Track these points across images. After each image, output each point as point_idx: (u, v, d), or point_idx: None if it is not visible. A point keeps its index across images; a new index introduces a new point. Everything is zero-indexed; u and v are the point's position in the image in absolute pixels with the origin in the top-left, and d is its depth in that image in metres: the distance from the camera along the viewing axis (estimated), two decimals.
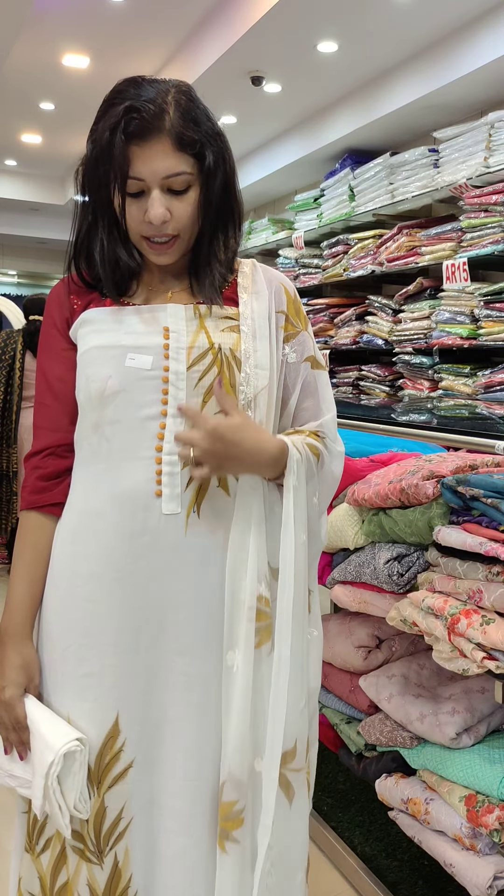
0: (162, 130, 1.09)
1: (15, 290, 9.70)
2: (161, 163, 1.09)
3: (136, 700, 1.16)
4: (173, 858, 1.16)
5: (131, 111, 1.08)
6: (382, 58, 3.84)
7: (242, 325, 1.20)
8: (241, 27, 3.63)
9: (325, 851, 2.00)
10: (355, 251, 4.18)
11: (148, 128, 1.08)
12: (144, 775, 1.16)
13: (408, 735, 1.82)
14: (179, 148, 1.10)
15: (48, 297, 1.27)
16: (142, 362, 1.15)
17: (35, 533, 1.21)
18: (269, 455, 1.14)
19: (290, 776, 1.18)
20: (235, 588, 1.16)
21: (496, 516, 1.49)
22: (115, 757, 1.15)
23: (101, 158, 1.11)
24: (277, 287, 1.26)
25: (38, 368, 1.26)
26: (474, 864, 1.58)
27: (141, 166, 1.09)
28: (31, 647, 1.20)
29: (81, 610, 1.17)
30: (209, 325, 1.18)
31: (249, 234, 5.57)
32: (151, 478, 1.15)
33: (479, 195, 3.25)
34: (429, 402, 3.50)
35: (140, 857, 1.17)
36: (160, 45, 4.31)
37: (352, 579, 1.91)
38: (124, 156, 1.09)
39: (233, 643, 1.15)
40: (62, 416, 1.22)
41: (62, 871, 1.18)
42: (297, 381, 1.25)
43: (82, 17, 3.93)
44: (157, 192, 1.11)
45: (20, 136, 6.00)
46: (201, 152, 1.13)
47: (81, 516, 1.18)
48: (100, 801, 1.15)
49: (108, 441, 1.16)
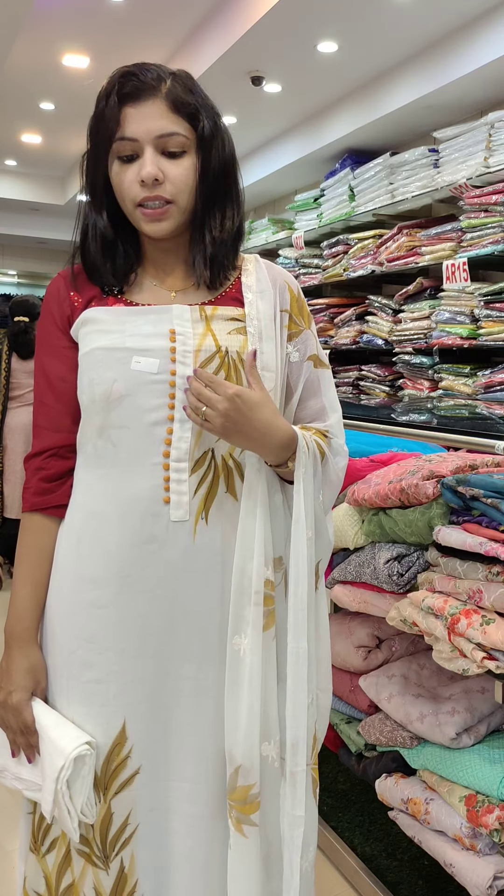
0: (157, 93, 1.10)
1: (15, 290, 9.70)
2: (154, 122, 1.09)
3: (143, 706, 1.15)
4: (182, 860, 1.16)
5: (127, 75, 1.10)
6: (382, 58, 3.84)
7: (249, 326, 1.18)
8: (241, 27, 3.63)
9: (325, 851, 2.00)
10: (355, 251, 4.18)
11: (143, 89, 1.09)
12: (151, 781, 1.16)
13: (408, 735, 1.82)
14: (174, 110, 1.10)
15: (46, 292, 1.24)
16: (148, 366, 1.12)
17: (38, 535, 1.20)
18: (278, 439, 1.13)
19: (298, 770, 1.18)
20: (243, 571, 1.14)
21: (496, 516, 1.49)
22: (122, 763, 1.14)
23: (96, 127, 1.11)
24: (282, 285, 1.24)
25: (36, 366, 1.23)
26: (474, 864, 1.58)
27: (134, 126, 1.09)
28: (38, 651, 1.19)
29: (87, 615, 1.16)
30: (215, 328, 1.16)
31: (249, 234, 5.57)
32: (159, 484, 1.13)
33: (479, 195, 3.25)
34: (429, 402, 3.50)
35: (146, 862, 1.17)
36: (160, 45, 4.31)
37: (352, 579, 1.91)
38: (116, 117, 1.09)
39: (240, 627, 1.13)
40: (64, 417, 1.20)
41: (67, 873, 1.18)
42: (300, 380, 1.24)
43: (82, 17, 3.93)
44: (150, 151, 1.10)
45: (20, 136, 6.00)
46: (196, 117, 1.12)
47: (86, 519, 1.17)
48: (106, 806, 1.14)
49: (114, 446, 1.14)
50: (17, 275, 9.87)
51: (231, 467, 1.17)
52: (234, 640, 1.14)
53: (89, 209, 1.18)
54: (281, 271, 1.27)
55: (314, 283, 4.63)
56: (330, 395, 1.28)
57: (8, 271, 9.75)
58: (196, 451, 1.14)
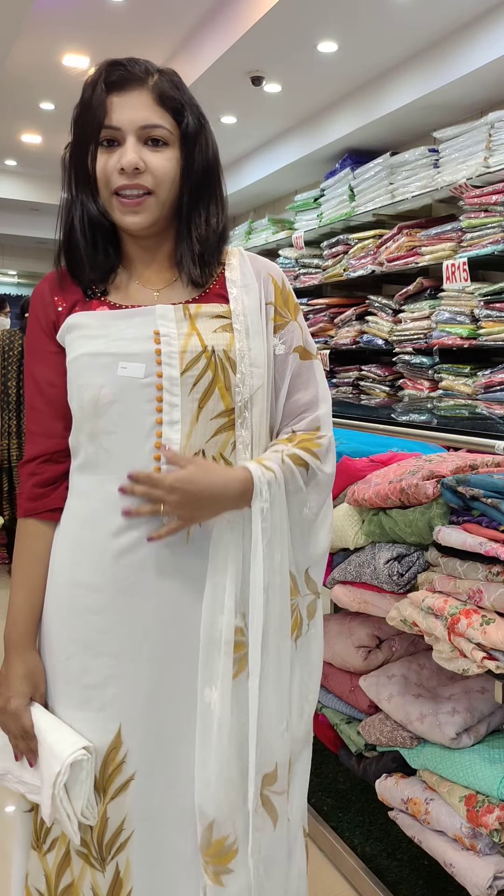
0: (143, 85, 1.10)
1: (15, 290, 9.70)
2: (139, 112, 1.10)
3: (139, 711, 1.15)
4: (177, 870, 1.17)
5: (114, 65, 1.10)
6: (382, 58, 3.84)
7: (235, 322, 1.16)
8: (241, 27, 3.63)
9: (325, 851, 2.00)
10: (355, 251, 4.18)
11: (130, 79, 1.10)
12: (146, 789, 1.15)
13: (408, 735, 1.82)
14: (160, 103, 1.11)
15: (32, 297, 1.23)
16: (134, 371, 1.11)
17: (33, 540, 1.20)
18: (233, 491, 1.11)
19: (273, 798, 1.17)
20: (213, 624, 1.13)
21: (496, 516, 1.49)
22: (118, 769, 1.14)
23: (81, 115, 1.11)
24: (266, 277, 1.22)
25: (26, 371, 1.22)
26: (474, 864, 1.58)
27: (118, 115, 1.09)
28: (36, 656, 1.19)
29: (83, 620, 1.15)
30: (200, 326, 1.15)
31: (249, 234, 5.57)
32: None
33: (479, 195, 3.25)
34: (429, 402, 3.50)
35: (140, 871, 1.17)
36: (160, 46, 4.31)
37: (352, 579, 1.91)
38: (102, 105, 1.09)
39: (210, 679, 1.13)
40: (55, 422, 1.19)
41: (67, 873, 1.18)
42: (286, 372, 1.22)
43: (82, 17, 3.93)
44: (131, 140, 1.10)
45: (20, 136, 6.00)
46: (181, 113, 1.12)
47: (81, 525, 1.16)
48: (103, 810, 1.15)
49: (105, 451, 1.14)
50: (17, 275, 9.87)
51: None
52: (204, 691, 1.13)
53: (74, 199, 1.16)
54: (265, 263, 1.25)
55: (314, 283, 4.63)
56: (317, 387, 1.25)
57: (8, 271, 9.74)
58: (187, 452, 1.13)
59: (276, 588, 1.15)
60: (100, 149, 1.12)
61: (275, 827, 1.18)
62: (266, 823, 1.16)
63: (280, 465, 1.16)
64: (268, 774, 1.16)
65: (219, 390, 1.14)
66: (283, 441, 1.21)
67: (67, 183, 1.17)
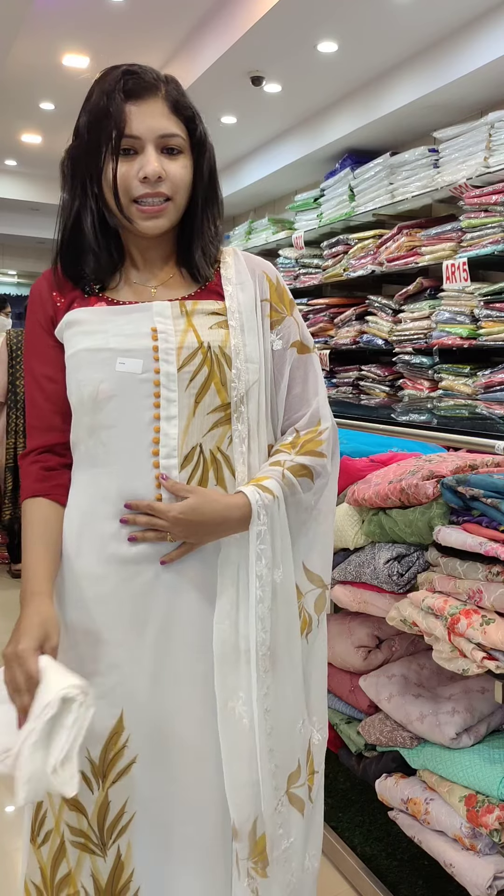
0: (157, 93, 1.13)
1: (15, 290, 9.70)
2: (157, 121, 1.12)
3: (141, 697, 1.16)
4: (181, 849, 1.18)
5: (129, 73, 1.12)
6: (382, 58, 3.84)
7: (230, 319, 1.19)
8: (241, 27, 3.63)
9: (325, 851, 2.00)
10: (355, 251, 4.18)
11: (146, 87, 1.12)
12: (149, 771, 1.17)
13: (408, 735, 1.82)
14: (174, 111, 1.14)
15: (30, 294, 1.25)
16: (132, 366, 1.14)
17: (41, 509, 1.19)
18: (234, 518, 1.15)
19: (297, 791, 1.22)
20: (223, 642, 1.16)
21: (496, 516, 1.49)
22: (119, 753, 1.16)
23: (96, 122, 1.12)
24: (260, 275, 1.25)
25: (25, 367, 1.24)
26: (474, 864, 1.58)
27: (137, 124, 1.11)
28: (51, 607, 1.14)
29: (87, 609, 1.17)
30: (197, 323, 1.17)
31: (249, 234, 5.57)
32: (151, 482, 1.15)
33: (479, 195, 3.25)
34: (429, 402, 3.50)
35: (143, 853, 1.18)
36: (160, 46, 4.31)
37: (352, 579, 1.91)
38: (121, 113, 1.10)
39: (231, 693, 1.16)
40: (55, 416, 1.21)
41: (62, 864, 1.20)
42: (285, 368, 1.25)
43: (82, 17, 3.93)
44: (151, 148, 1.12)
45: (20, 136, 6.01)
46: (193, 121, 1.16)
47: (84, 518, 1.18)
48: (104, 794, 1.17)
49: (104, 445, 1.16)
50: (17, 275, 9.87)
51: (220, 461, 1.18)
52: (227, 704, 1.16)
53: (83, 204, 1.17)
54: (259, 261, 1.28)
55: (314, 283, 4.63)
56: (315, 381, 1.28)
57: (8, 271, 9.75)
58: (185, 446, 1.15)
59: (279, 603, 1.19)
60: (117, 159, 1.13)
61: (302, 815, 1.24)
62: (293, 815, 1.22)
63: (280, 481, 1.19)
64: (292, 773, 1.21)
65: (215, 385, 1.16)
66: (287, 447, 1.23)
67: (72, 187, 1.18)
